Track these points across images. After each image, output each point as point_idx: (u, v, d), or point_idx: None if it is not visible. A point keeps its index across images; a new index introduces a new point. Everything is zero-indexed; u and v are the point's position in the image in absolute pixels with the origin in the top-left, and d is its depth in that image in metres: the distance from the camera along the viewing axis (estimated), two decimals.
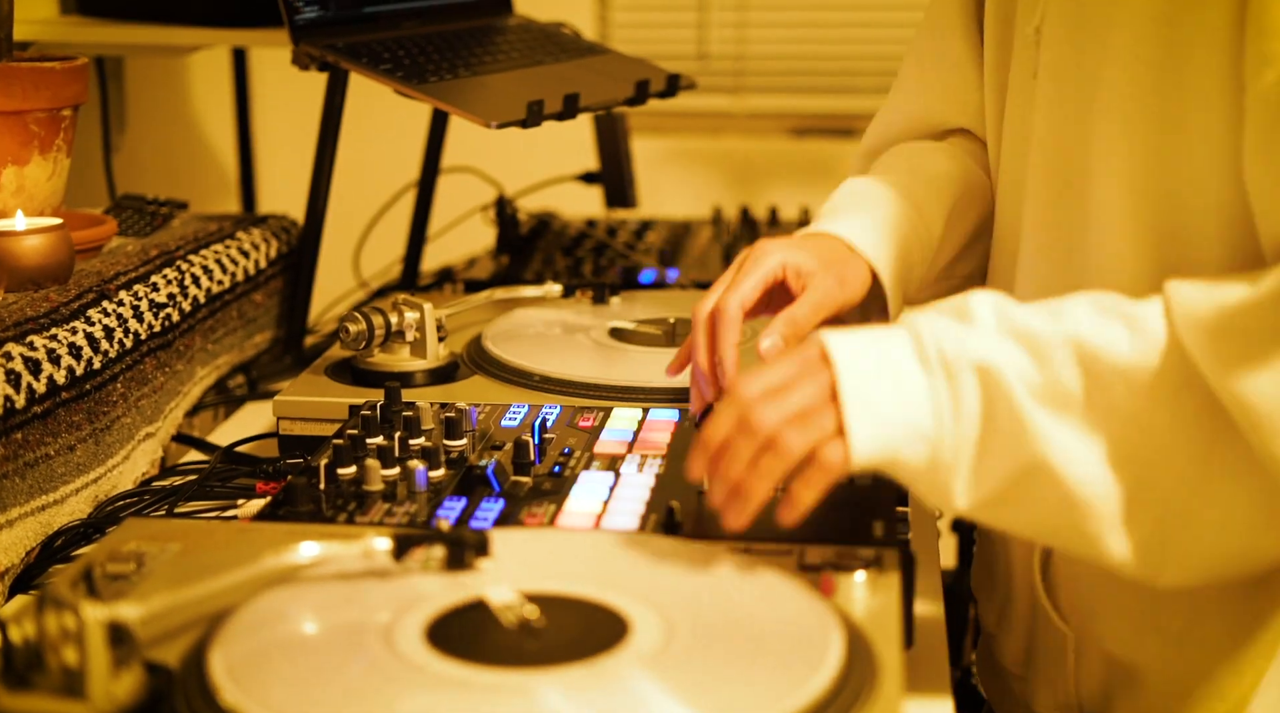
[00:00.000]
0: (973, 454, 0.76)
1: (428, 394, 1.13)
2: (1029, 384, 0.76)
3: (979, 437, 0.76)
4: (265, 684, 0.66)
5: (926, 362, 0.76)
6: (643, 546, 0.82)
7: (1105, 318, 0.77)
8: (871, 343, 0.77)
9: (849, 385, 0.75)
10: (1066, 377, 0.76)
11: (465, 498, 0.92)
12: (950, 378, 0.76)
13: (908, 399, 0.75)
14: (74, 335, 1.05)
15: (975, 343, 0.76)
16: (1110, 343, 0.76)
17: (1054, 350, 0.76)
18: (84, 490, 1.05)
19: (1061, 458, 0.75)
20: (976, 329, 0.77)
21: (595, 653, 0.69)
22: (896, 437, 0.75)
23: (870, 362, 0.76)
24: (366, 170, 1.89)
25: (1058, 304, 0.79)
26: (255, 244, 1.39)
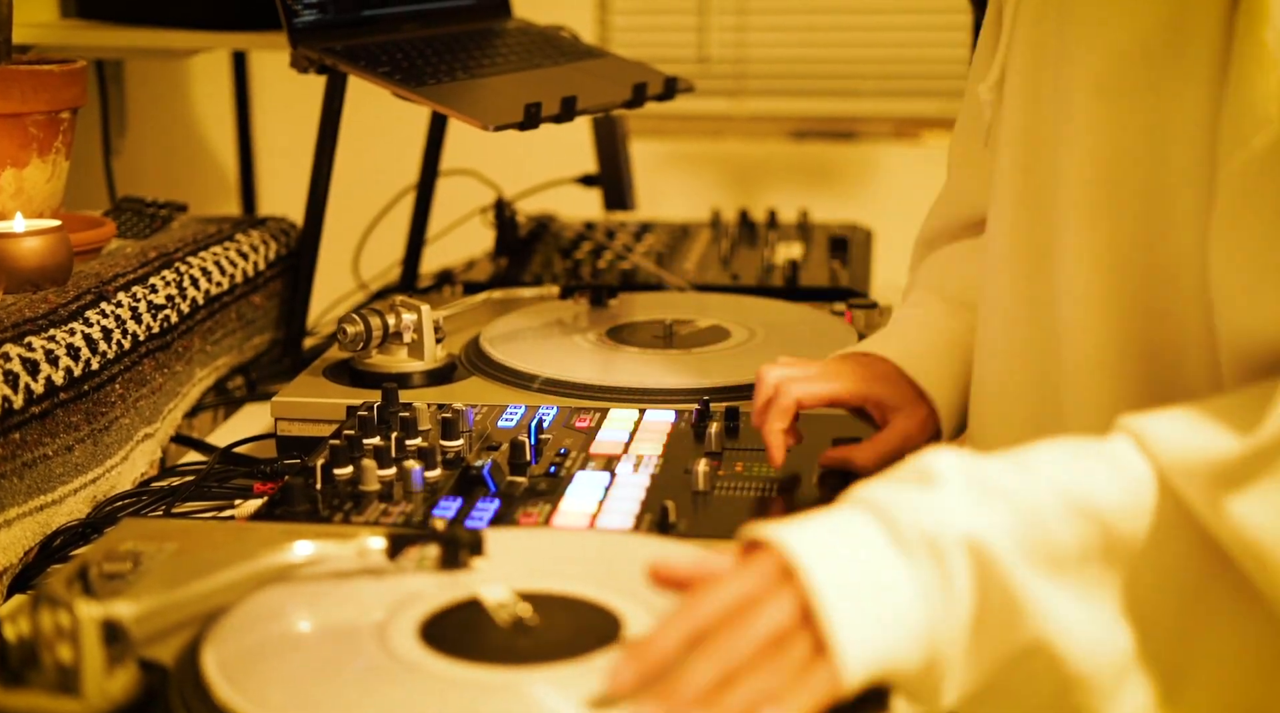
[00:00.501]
0: (965, 642, 0.66)
1: (425, 395, 1.13)
2: (1020, 549, 0.66)
3: (971, 621, 0.66)
4: (259, 682, 0.66)
5: (906, 546, 0.65)
6: (637, 545, 0.83)
7: (1082, 461, 0.69)
8: (837, 539, 0.65)
9: (827, 600, 0.63)
10: (1058, 531, 0.67)
11: (461, 498, 0.92)
12: (938, 561, 0.65)
13: (894, 599, 0.64)
14: (72, 336, 1.05)
15: (955, 514, 0.66)
16: (1097, 487, 0.68)
17: (1041, 505, 0.68)
18: (82, 491, 1.05)
19: (1059, 630, 0.67)
20: (948, 496, 0.67)
21: (589, 651, 0.69)
22: (889, 646, 0.64)
23: (842, 563, 0.64)
24: (366, 173, 1.90)
25: (1022, 455, 0.70)
26: (254, 246, 1.40)
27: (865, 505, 0.67)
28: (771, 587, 0.64)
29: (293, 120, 1.87)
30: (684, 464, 0.97)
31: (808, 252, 1.61)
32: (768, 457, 0.95)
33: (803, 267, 1.54)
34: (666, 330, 1.26)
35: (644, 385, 1.13)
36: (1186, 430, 0.69)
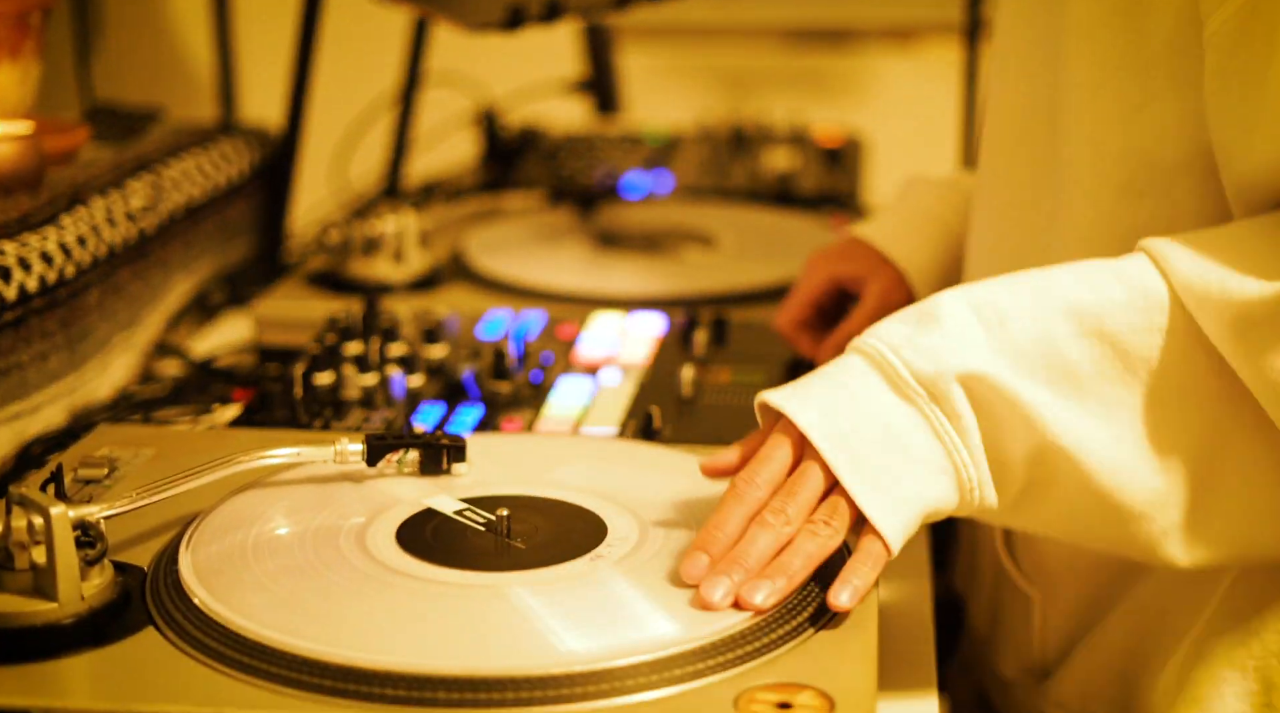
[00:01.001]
0: (989, 462, 0.69)
1: (409, 302, 1.12)
2: (1022, 369, 0.68)
3: (987, 443, 0.69)
4: (236, 586, 0.66)
5: (908, 393, 0.68)
6: (620, 451, 0.82)
7: (1097, 279, 0.70)
8: (839, 400, 0.68)
9: (847, 479, 0.67)
10: (1070, 351, 0.69)
11: (444, 404, 0.91)
12: (940, 402, 0.68)
13: (910, 448, 0.68)
14: (45, 242, 1.03)
15: (950, 352, 0.68)
16: (1112, 307, 0.69)
17: (1051, 327, 0.69)
18: (59, 400, 1.04)
19: (1076, 442, 0.69)
20: (948, 334, 0.69)
21: (570, 555, 0.68)
22: (919, 497, 0.67)
23: (853, 428, 0.68)
24: (349, 79, 1.86)
25: (1037, 276, 0.71)
26: (234, 152, 1.37)
27: (861, 349, 0.70)
28: (800, 457, 0.69)
29: (274, 23, 1.83)
30: (670, 372, 0.96)
31: (800, 161, 1.59)
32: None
33: (794, 176, 1.52)
34: (655, 238, 1.25)
35: (631, 293, 1.12)
36: (1207, 259, 0.70)
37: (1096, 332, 0.69)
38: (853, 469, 0.67)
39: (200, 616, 0.63)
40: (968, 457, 0.68)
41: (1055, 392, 0.69)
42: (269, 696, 0.58)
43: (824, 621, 0.64)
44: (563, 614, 0.63)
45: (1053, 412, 0.69)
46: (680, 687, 0.59)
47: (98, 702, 0.58)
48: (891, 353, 0.68)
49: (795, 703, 0.58)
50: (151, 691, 0.59)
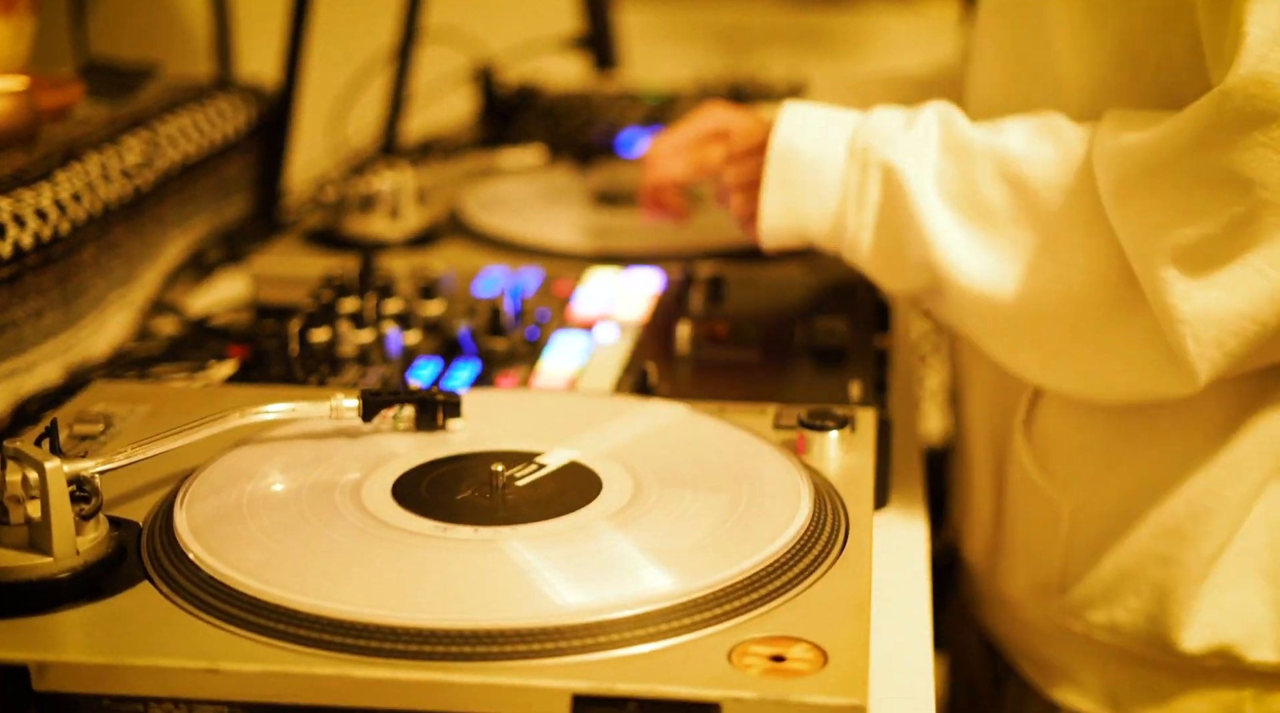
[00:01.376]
0: (870, 234, 0.87)
1: (405, 259, 1.11)
2: (942, 189, 0.84)
3: (876, 220, 0.86)
4: (230, 540, 0.66)
5: (853, 151, 0.86)
6: (616, 407, 0.82)
7: (1038, 136, 0.82)
8: (818, 120, 0.89)
9: (773, 161, 0.88)
10: (987, 189, 0.83)
11: (440, 361, 0.91)
12: (863, 170, 0.86)
13: (821, 176, 0.87)
14: (40, 198, 1.03)
15: (897, 146, 0.85)
16: (1037, 159, 0.81)
17: (979, 162, 0.83)
18: (55, 357, 1.04)
19: (952, 260, 0.83)
20: (911, 134, 0.85)
21: (566, 510, 0.69)
22: (802, 207, 0.87)
23: (805, 137, 0.88)
24: (346, 36, 1.85)
25: (1001, 121, 0.85)
26: (230, 109, 1.37)
27: (862, 118, 0.88)
28: (754, 126, 0.93)
29: None
30: (667, 328, 0.95)
31: None
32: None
33: None
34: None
35: (628, 250, 1.11)
36: (1124, 120, 0.80)
37: (1014, 179, 0.82)
38: (782, 152, 0.88)
39: (195, 570, 0.63)
40: (855, 215, 0.86)
41: (955, 211, 0.83)
42: (263, 649, 0.58)
43: (817, 574, 0.65)
44: (558, 568, 0.63)
45: (943, 225, 0.83)
46: (674, 640, 0.59)
47: (93, 656, 0.58)
48: (868, 123, 0.87)
49: (789, 656, 0.58)
50: (146, 645, 0.59)
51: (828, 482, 0.73)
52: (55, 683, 0.58)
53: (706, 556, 0.65)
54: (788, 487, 0.71)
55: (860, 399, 0.84)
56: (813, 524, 0.67)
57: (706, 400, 0.83)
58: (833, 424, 0.76)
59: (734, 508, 0.69)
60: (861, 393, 0.85)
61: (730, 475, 0.72)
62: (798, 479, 0.71)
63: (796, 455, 0.75)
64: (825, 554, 0.66)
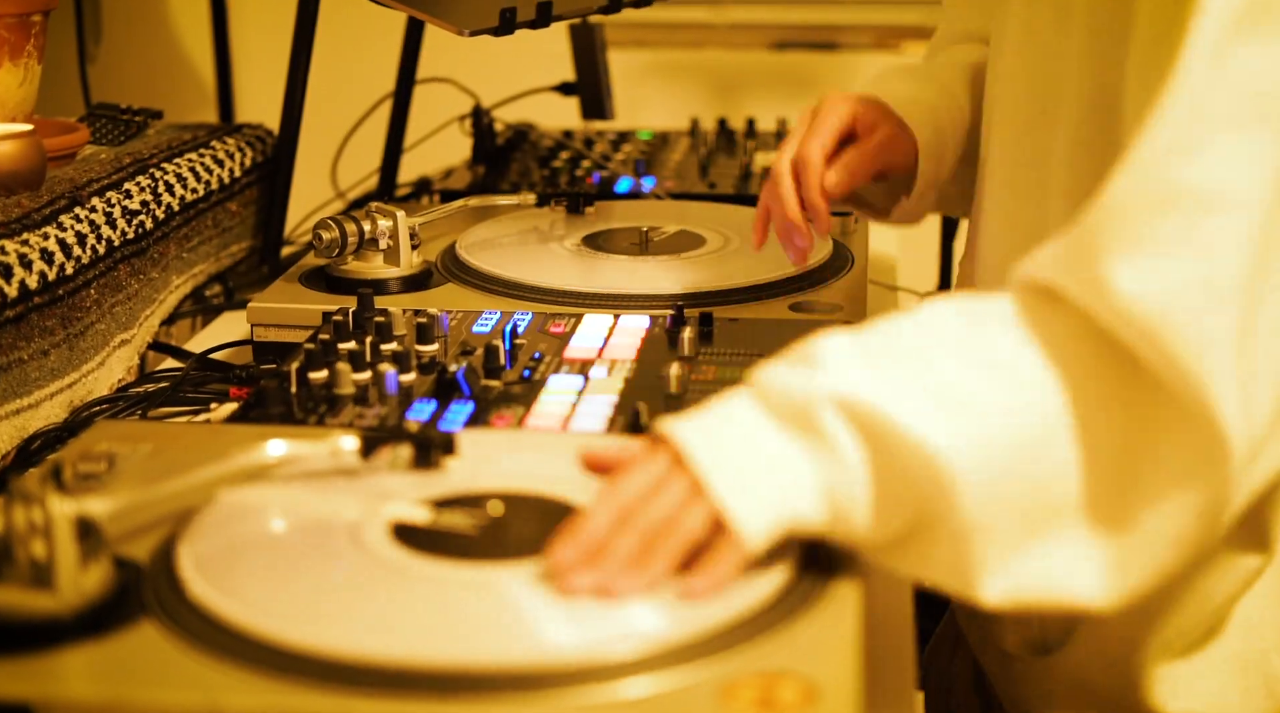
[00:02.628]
0: (869, 492, 0.68)
1: (401, 301, 1.13)
2: (902, 392, 0.68)
3: (871, 473, 0.68)
4: (233, 579, 0.67)
5: (780, 417, 0.69)
6: (608, 447, 0.83)
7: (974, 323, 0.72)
8: (719, 423, 0.70)
9: (712, 477, 0.68)
10: (950, 373, 0.69)
11: (436, 401, 0.92)
12: (809, 425, 0.68)
13: (783, 467, 0.68)
14: (46, 241, 1.05)
15: (821, 380, 0.69)
16: (991, 339, 0.71)
17: (931, 353, 0.70)
18: (59, 396, 1.05)
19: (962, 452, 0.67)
20: (822, 367, 0.70)
21: None
22: (786, 507, 0.68)
23: (724, 443, 0.69)
24: (344, 81, 1.88)
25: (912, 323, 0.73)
26: (230, 153, 1.39)
27: (747, 388, 0.72)
28: (671, 471, 0.70)
29: (270, 27, 1.85)
30: (657, 369, 0.97)
31: None
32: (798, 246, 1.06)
33: None
34: (643, 237, 1.26)
35: (619, 291, 1.13)
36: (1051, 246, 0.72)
37: (981, 361, 0.70)
38: (720, 473, 0.68)
39: (197, 608, 0.65)
40: (841, 474, 0.68)
41: (933, 406, 0.68)
42: (264, 686, 0.60)
43: (807, 610, 0.66)
44: (550, 607, 0.65)
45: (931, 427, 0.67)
46: (665, 677, 0.61)
47: (96, 693, 0.60)
48: (770, 382, 0.70)
49: (779, 692, 0.60)
50: (149, 682, 0.60)
51: None
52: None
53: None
54: None
55: None
56: (802, 561, 0.69)
57: None
58: None
59: None
60: None
61: None
62: None
63: None
64: (814, 590, 0.67)
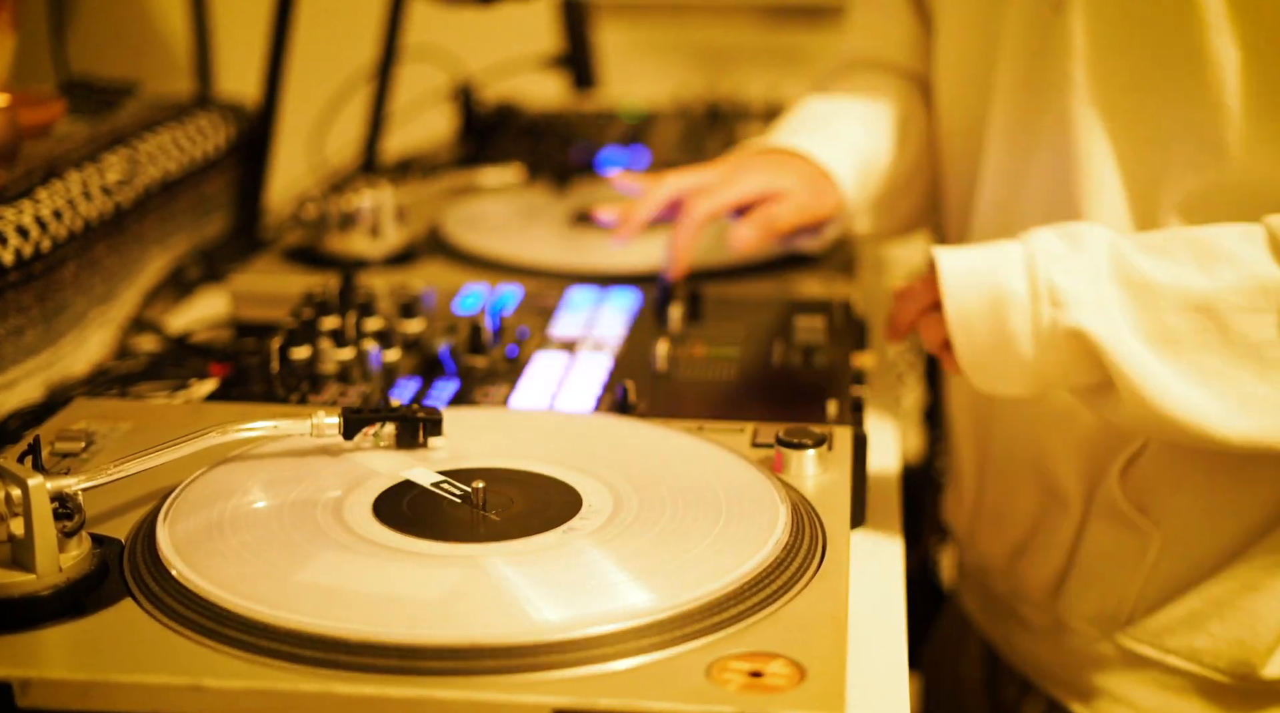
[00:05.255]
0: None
1: (385, 277, 1.12)
2: (1135, 334, 0.81)
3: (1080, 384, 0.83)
4: (213, 557, 0.66)
5: (1037, 329, 0.82)
6: (596, 424, 0.82)
7: (1215, 260, 0.81)
8: (982, 257, 0.84)
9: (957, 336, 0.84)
10: (1176, 324, 0.80)
11: (420, 379, 0.91)
12: (1052, 344, 0.82)
13: (1013, 357, 0.83)
14: (21, 216, 1.03)
15: (1081, 305, 0.81)
16: (1223, 288, 0.80)
17: (1163, 298, 0.81)
18: (36, 375, 1.04)
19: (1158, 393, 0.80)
20: (1084, 267, 0.82)
21: (546, 527, 0.69)
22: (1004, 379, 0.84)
23: (975, 276, 0.83)
24: (326, 54, 1.86)
25: (1165, 241, 0.82)
26: (210, 127, 1.37)
27: (1023, 243, 0.84)
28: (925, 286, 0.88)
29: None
30: (645, 346, 0.96)
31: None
32: (671, 265, 1.02)
33: None
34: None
35: (607, 268, 1.12)
36: None
37: (1204, 308, 0.80)
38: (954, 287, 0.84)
39: (177, 587, 0.64)
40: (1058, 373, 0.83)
41: (1153, 349, 0.80)
42: (246, 666, 0.59)
43: (795, 591, 0.65)
44: (537, 584, 0.64)
45: (1151, 370, 0.80)
46: (654, 655, 0.60)
47: (75, 673, 0.59)
48: (1044, 257, 0.82)
49: (767, 671, 0.59)
50: (129, 661, 0.59)
51: (805, 499, 0.74)
52: (38, 700, 0.58)
53: (685, 572, 0.65)
54: (765, 504, 0.72)
55: (837, 417, 0.85)
56: (790, 541, 0.68)
57: (685, 418, 0.83)
58: (810, 442, 0.77)
59: (712, 525, 0.70)
60: (839, 411, 0.86)
61: (708, 493, 0.73)
62: (775, 496, 0.72)
63: (774, 473, 0.76)
64: (803, 571, 0.67)
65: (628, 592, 0.64)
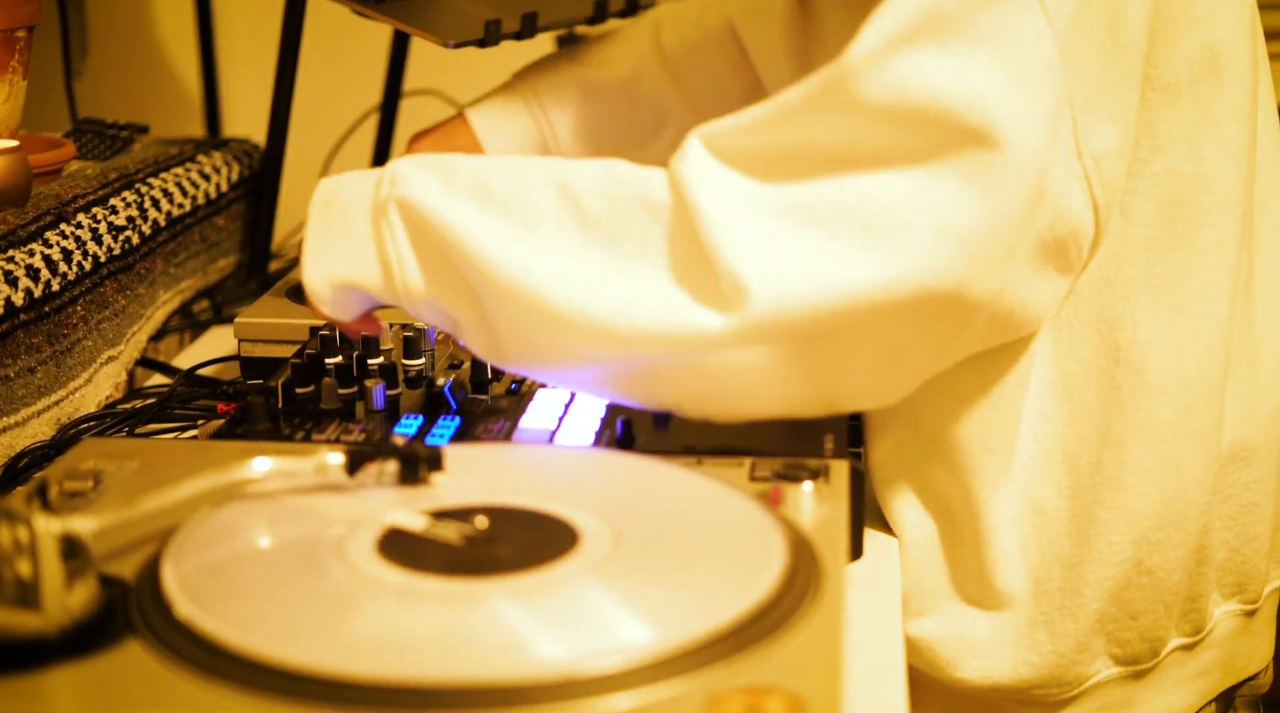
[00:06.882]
0: (416, 261, 0.85)
1: (388, 315, 1.13)
2: (463, 197, 0.83)
3: (417, 251, 0.85)
4: (219, 597, 0.67)
5: (374, 205, 0.86)
6: (595, 460, 0.83)
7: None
8: (352, 182, 0.88)
9: (311, 226, 0.88)
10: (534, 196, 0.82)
11: (422, 416, 0.92)
12: (381, 214, 0.85)
13: (354, 237, 0.87)
14: (31, 257, 1.04)
15: (413, 181, 0.84)
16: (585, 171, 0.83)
17: (521, 173, 0.83)
18: (46, 413, 1.05)
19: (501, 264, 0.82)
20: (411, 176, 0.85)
21: (546, 562, 0.70)
22: (345, 268, 0.87)
23: (337, 200, 0.88)
24: (330, 94, 1.88)
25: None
26: (217, 167, 1.39)
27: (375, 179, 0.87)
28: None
29: (256, 40, 1.85)
30: None
31: None
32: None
33: None
34: None
35: None
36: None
37: (561, 186, 0.82)
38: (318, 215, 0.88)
39: (183, 627, 0.65)
40: (392, 252, 0.85)
41: (491, 215, 0.82)
42: (252, 706, 0.60)
43: (792, 624, 0.66)
44: (536, 621, 0.65)
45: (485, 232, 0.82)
46: (651, 690, 0.60)
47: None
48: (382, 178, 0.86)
49: (764, 706, 0.60)
50: (136, 702, 0.60)
51: (802, 533, 0.74)
52: None
53: (682, 606, 0.66)
54: (763, 538, 0.72)
55: (834, 451, 0.86)
56: (788, 574, 0.69)
57: (684, 453, 0.84)
58: (806, 476, 0.78)
59: (710, 559, 0.71)
60: (835, 445, 0.87)
61: (706, 527, 0.74)
62: (772, 531, 0.73)
63: (772, 507, 0.77)
64: (800, 604, 0.67)
65: (626, 627, 0.65)
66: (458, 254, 0.83)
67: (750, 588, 0.67)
